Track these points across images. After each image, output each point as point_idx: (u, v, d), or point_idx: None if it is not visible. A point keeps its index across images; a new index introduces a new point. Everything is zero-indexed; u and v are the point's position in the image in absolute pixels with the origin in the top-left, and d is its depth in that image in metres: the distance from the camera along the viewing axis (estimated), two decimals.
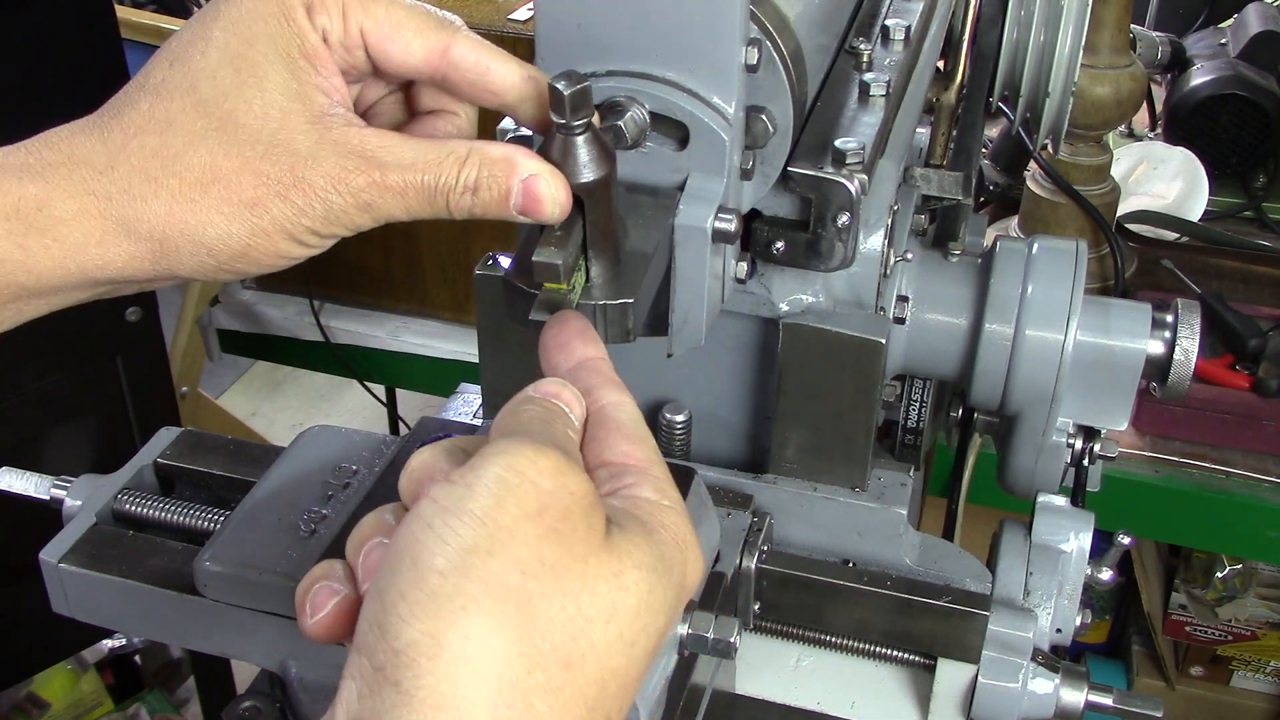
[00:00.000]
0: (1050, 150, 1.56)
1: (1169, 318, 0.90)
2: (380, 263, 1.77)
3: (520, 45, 1.55)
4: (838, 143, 0.69)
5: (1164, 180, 1.87)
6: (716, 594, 0.75)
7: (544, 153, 0.59)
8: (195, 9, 1.67)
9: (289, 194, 0.59)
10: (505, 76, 0.62)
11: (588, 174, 0.59)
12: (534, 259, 0.59)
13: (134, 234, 0.60)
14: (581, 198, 0.60)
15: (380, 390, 2.40)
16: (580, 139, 0.59)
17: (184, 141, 0.59)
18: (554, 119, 0.58)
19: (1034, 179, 1.67)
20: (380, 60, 0.62)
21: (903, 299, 0.88)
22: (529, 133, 0.70)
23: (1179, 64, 2.02)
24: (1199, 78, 1.91)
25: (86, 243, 0.59)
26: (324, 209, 0.59)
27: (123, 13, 2.21)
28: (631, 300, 0.61)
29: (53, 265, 0.59)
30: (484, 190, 0.60)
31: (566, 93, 0.57)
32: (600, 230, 0.61)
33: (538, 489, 0.47)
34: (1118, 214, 1.70)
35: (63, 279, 0.60)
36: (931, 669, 0.86)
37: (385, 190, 0.59)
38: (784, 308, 0.82)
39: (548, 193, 0.59)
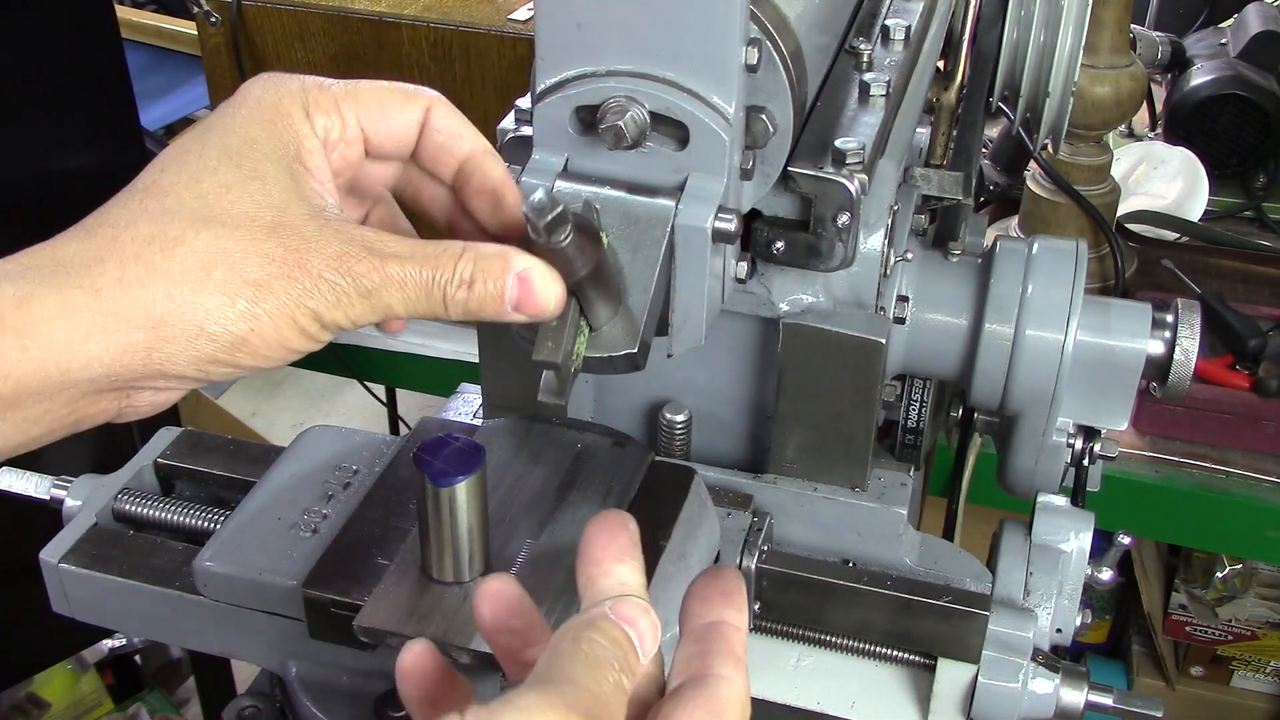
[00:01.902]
0: (1050, 150, 1.56)
1: (1169, 318, 0.90)
2: None
3: (520, 45, 1.55)
4: (838, 143, 0.69)
5: (1164, 180, 1.87)
6: None
7: (531, 248, 0.60)
8: (195, 9, 1.67)
9: (294, 274, 0.58)
10: (475, 143, 0.65)
11: (580, 271, 0.61)
12: (534, 357, 0.61)
13: (127, 323, 0.57)
14: (574, 290, 0.61)
15: (380, 390, 2.40)
16: (565, 245, 0.60)
17: (183, 227, 0.58)
18: (532, 237, 0.59)
19: (1034, 179, 1.67)
20: (374, 145, 0.65)
21: (903, 299, 0.88)
22: (529, 132, 0.70)
23: (1179, 64, 2.01)
24: (1199, 78, 1.91)
25: (70, 339, 0.56)
26: (329, 291, 0.59)
27: (123, 13, 2.22)
28: (634, 352, 0.63)
29: (31, 368, 0.56)
30: (479, 285, 0.60)
31: (541, 223, 0.58)
32: (599, 295, 0.63)
33: None
34: (1118, 214, 1.70)
35: (41, 383, 0.57)
36: (931, 669, 0.86)
37: (386, 279, 0.59)
38: (784, 308, 0.82)
39: (543, 287, 0.60)
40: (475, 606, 0.59)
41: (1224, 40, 2.03)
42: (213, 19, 1.66)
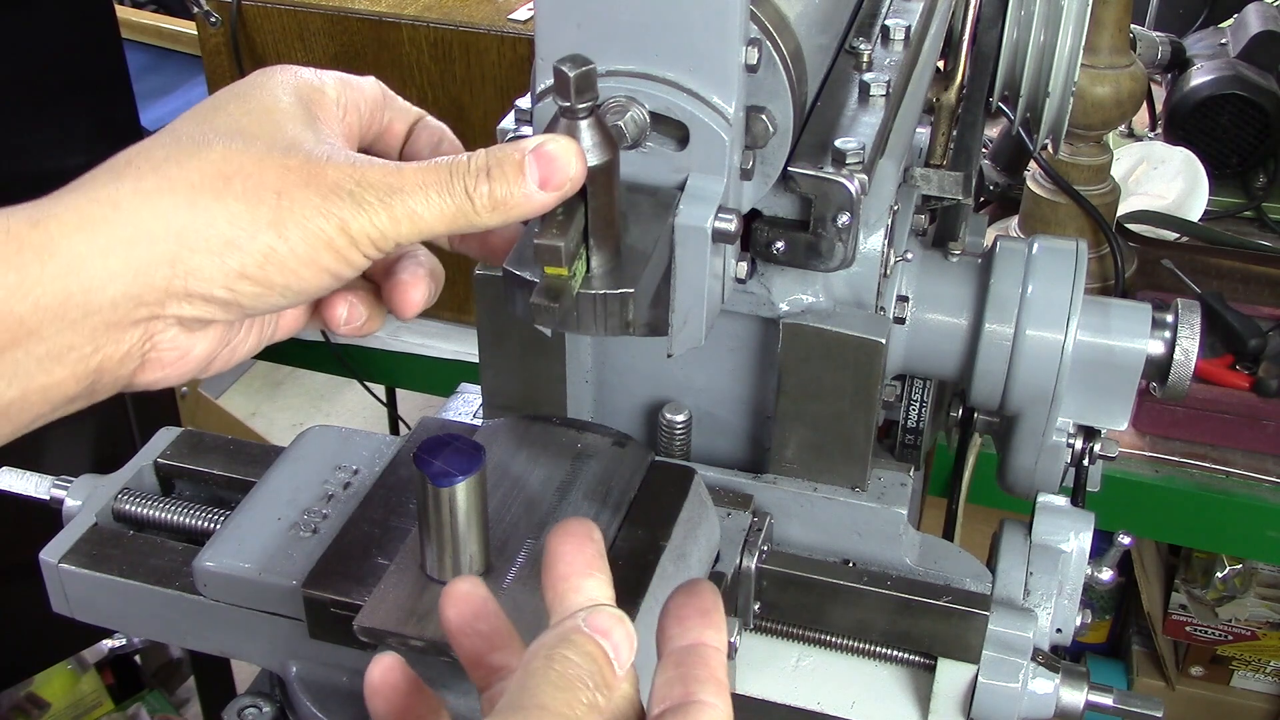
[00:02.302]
0: (1050, 150, 1.56)
1: (1169, 318, 0.90)
2: None
3: (520, 45, 1.55)
4: (838, 143, 0.69)
5: (1164, 180, 1.87)
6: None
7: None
8: (195, 9, 1.67)
9: (312, 182, 0.57)
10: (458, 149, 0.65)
11: (591, 158, 0.59)
12: (535, 241, 0.59)
13: (148, 235, 0.56)
14: (585, 183, 0.59)
15: (380, 390, 2.41)
16: (584, 123, 0.58)
17: (199, 144, 0.58)
18: (558, 102, 0.58)
19: (1034, 179, 1.67)
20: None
21: (903, 299, 0.88)
22: (529, 132, 0.70)
23: (1179, 64, 2.02)
24: (1199, 78, 1.91)
25: (89, 254, 0.55)
26: (349, 197, 0.58)
27: (123, 13, 2.21)
28: (631, 291, 0.61)
29: (50, 286, 0.54)
30: (496, 171, 0.59)
31: (571, 74, 0.56)
32: (602, 218, 0.61)
33: None
34: (1118, 214, 1.70)
35: (62, 304, 0.54)
36: (931, 669, 0.86)
37: (403, 179, 0.58)
38: (784, 308, 0.82)
39: (562, 153, 0.58)
40: (441, 608, 0.58)
41: (1224, 40, 2.03)
42: (213, 19, 1.66)
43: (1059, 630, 0.88)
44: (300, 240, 0.57)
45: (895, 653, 0.88)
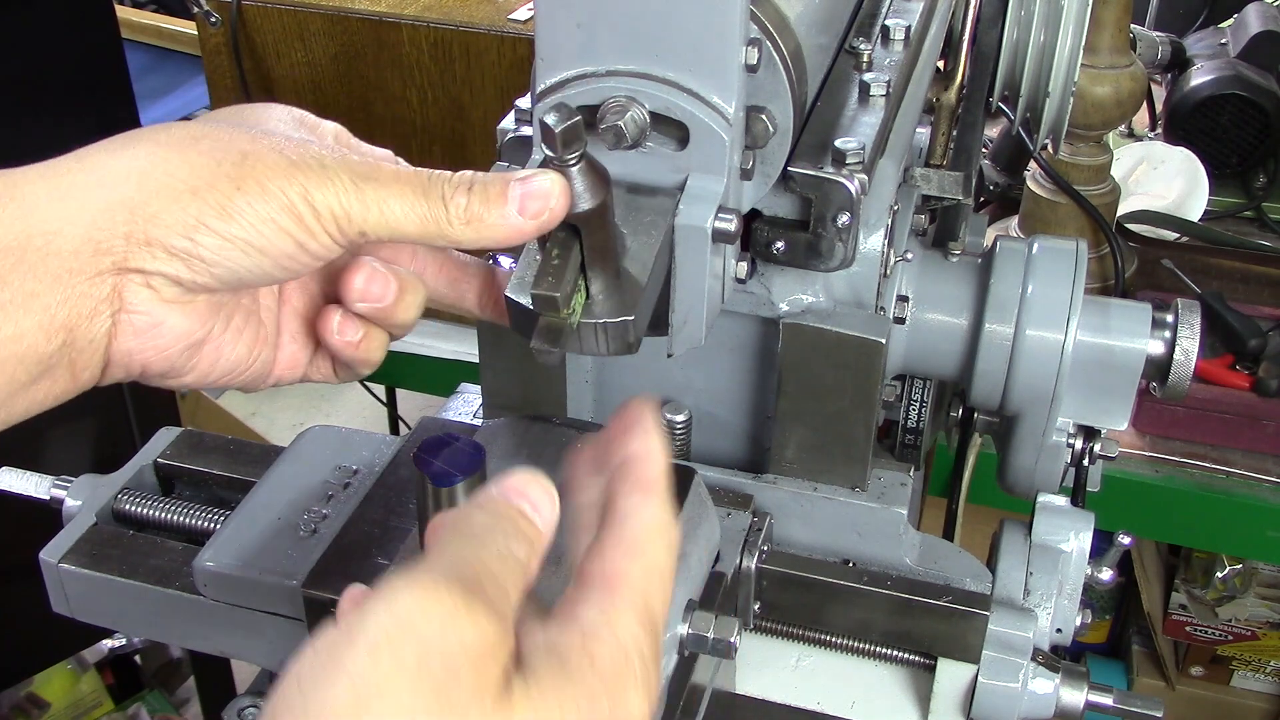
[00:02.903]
0: (1050, 150, 1.56)
1: (1169, 318, 0.90)
2: None
3: (520, 45, 1.55)
4: (838, 143, 0.69)
5: (1164, 180, 1.87)
6: (716, 594, 0.75)
7: None
8: (195, 9, 1.67)
9: (283, 149, 0.58)
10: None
11: (583, 204, 0.59)
12: (532, 291, 0.59)
13: (110, 181, 0.56)
14: (578, 226, 0.59)
15: (380, 390, 2.41)
16: (575, 169, 0.58)
17: (172, 123, 0.60)
18: (545, 153, 0.57)
19: (1034, 179, 1.67)
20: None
21: (903, 299, 0.88)
22: (529, 132, 0.70)
23: (1179, 64, 2.01)
24: (1199, 78, 1.91)
25: (50, 198, 0.56)
26: (319, 169, 0.58)
27: (123, 13, 2.22)
28: (632, 319, 0.61)
29: (11, 226, 0.55)
30: (478, 189, 0.59)
31: (557, 130, 0.56)
32: (598, 253, 0.61)
33: (420, 639, 0.43)
34: (1118, 214, 1.70)
35: (22, 245, 0.54)
36: (931, 669, 0.86)
37: (379, 170, 0.59)
38: (784, 308, 0.82)
39: (546, 183, 0.58)
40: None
41: (1224, 40, 2.03)
42: (213, 19, 1.66)
43: (1059, 630, 0.88)
44: (260, 197, 0.57)
45: (895, 653, 0.88)
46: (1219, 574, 2.09)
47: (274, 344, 0.68)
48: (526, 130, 0.74)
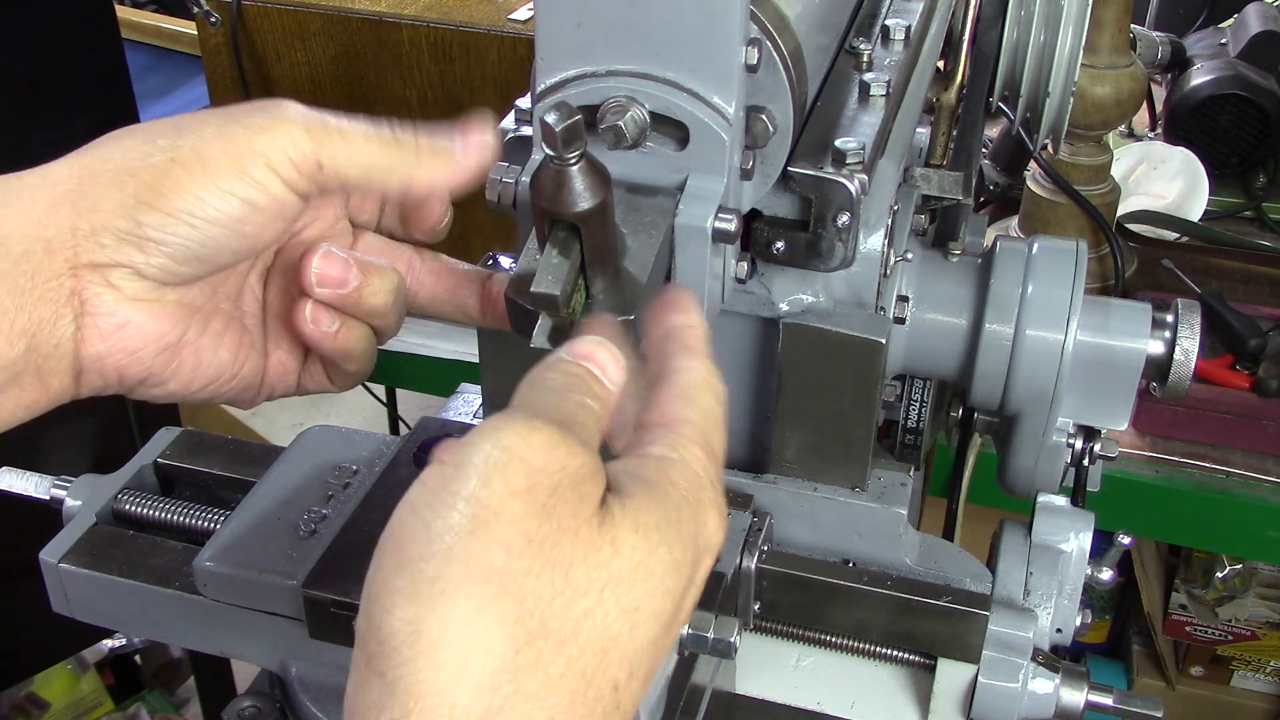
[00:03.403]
0: (1050, 150, 1.56)
1: (1169, 318, 0.90)
2: None
3: (520, 45, 1.55)
4: (838, 143, 0.69)
5: (1164, 180, 1.87)
6: (716, 594, 0.75)
7: (536, 180, 0.58)
8: (195, 9, 1.67)
9: (227, 113, 0.60)
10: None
11: (583, 203, 0.58)
12: (531, 290, 0.59)
13: (50, 183, 0.58)
14: (578, 225, 0.59)
15: (380, 390, 2.40)
16: (574, 169, 0.58)
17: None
18: (545, 151, 0.57)
19: (1034, 179, 1.67)
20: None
21: (903, 299, 0.88)
22: (529, 132, 0.70)
23: (1179, 64, 2.01)
24: (1199, 78, 1.91)
25: (4, 199, 0.57)
26: (275, 113, 0.60)
27: (123, 13, 2.22)
28: (633, 318, 0.61)
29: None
30: (424, 132, 0.63)
31: (558, 129, 0.55)
32: (598, 252, 0.61)
33: (526, 465, 0.46)
34: (1118, 214, 1.70)
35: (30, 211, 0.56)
36: (931, 669, 0.86)
37: (328, 118, 0.61)
38: (784, 308, 0.82)
39: (484, 132, 0.65)
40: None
41: (1224, 40, 2.03)
42: (213, 19, 1.66)
43: (1059, 630, 0.88)
44: (197, 164, 0.58)
45: (895, 653, 0.88)
46: (1219, 574, 2.10)
47: (261, 350, 0.68)
48: (526, 130, 0.74)
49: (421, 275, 0.71)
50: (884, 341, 0.81)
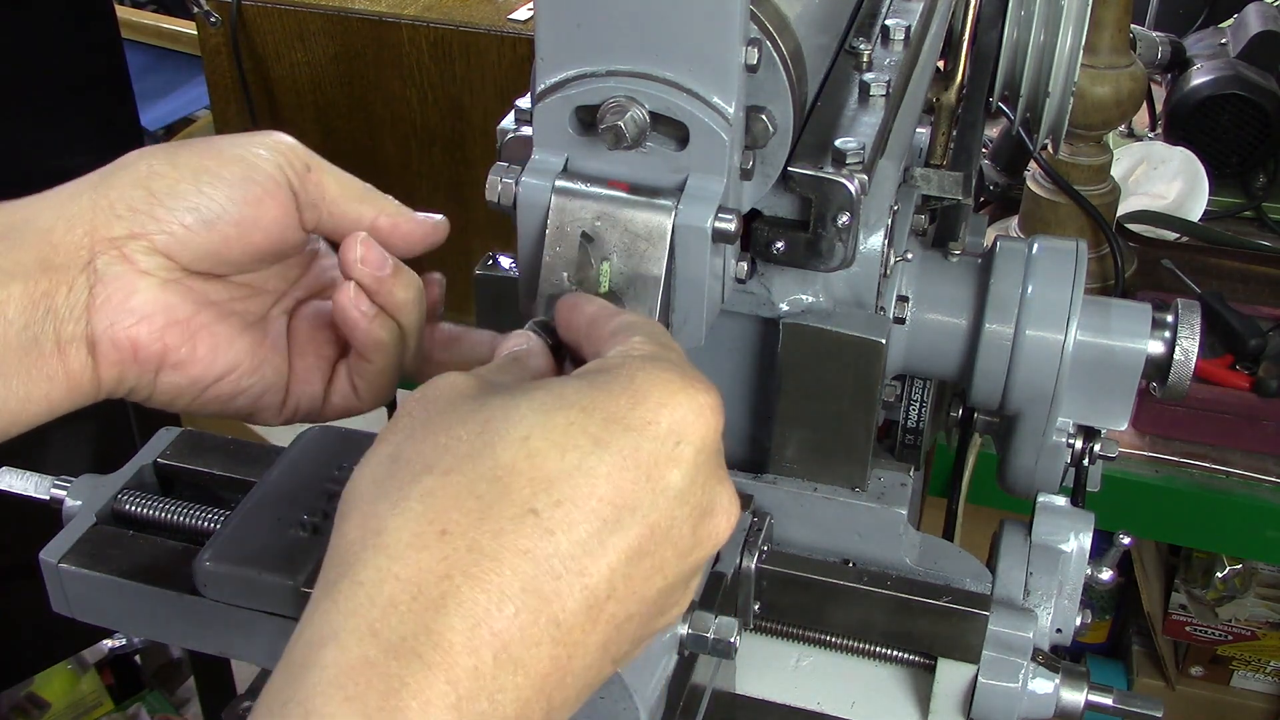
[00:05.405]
0: (1050, 150, 1.56)
1: (1169, 318, 0.90)
2: None
3: (520, 45, 1.55)
4: (838, 143, 0.69)
5: (1164, 180, 1.87)
6: (716, 594, 0.75)
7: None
8: (195, 9, 1.67)
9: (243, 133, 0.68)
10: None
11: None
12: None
13: (78, 183, 0.64)
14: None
15: None
16: None
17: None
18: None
19: (1034, 179, 1.67)
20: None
21: (903, 299, 0.88)
22: (529, 132, 0.70)
23: (1179, 64, 2.02)
24: (1199, 78, 1.91)
25: (24, 202, 0.63)
26: (274, 137, 0.67)
27: (123, 13, 2.22)
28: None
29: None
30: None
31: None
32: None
33: (423, 392, 0.54)
34: (1118, 214, 1.70)
35: (3, 230, 0.62)
36: (931, 669, 0.86)
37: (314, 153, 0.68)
38: (784, 308, 0.82)
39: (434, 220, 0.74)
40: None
41: (1224, 40, 2.03)
42: (213, 19, 1.66)
43: (1059, 630, 0.88)
44: (207, 146, 0.65)
45: (895, 653, 0.88)
46: (1219, 574, 2.10)
47: (284, 355, 0.70)
48: (526, 130, 0.74)
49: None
50: (884, 341, 0.81)
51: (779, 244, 0.74)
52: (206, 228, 0.65)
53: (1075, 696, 0.84)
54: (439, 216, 0.72)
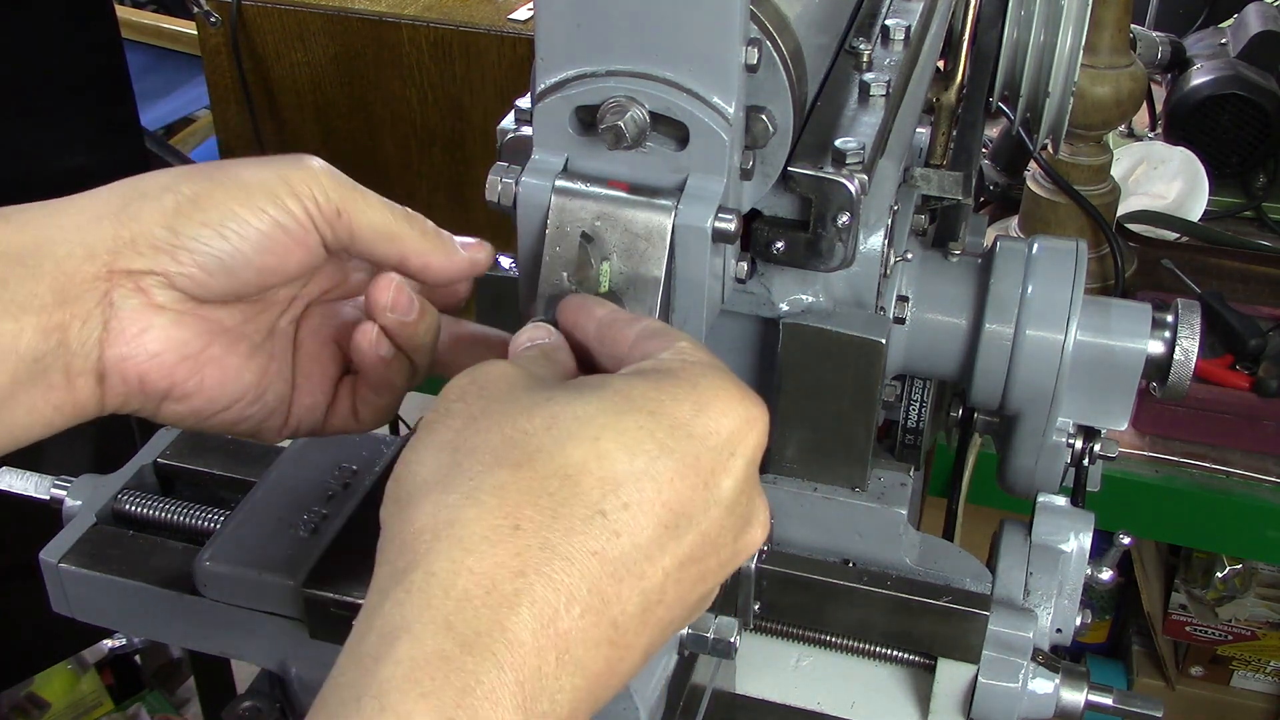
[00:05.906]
0: (1050, 150, 1.56)
1: (1169, 318, 0.90)
2: None
3: (520, 45, 1.55)
4: (838, 143, 0.69)
5: (1164, 180, 1.87)
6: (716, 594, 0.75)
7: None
8: (195, 9, 1.67)
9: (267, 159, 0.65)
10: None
11: None
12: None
13: (97, 200, 0.62)
14: None
15: None
16: None
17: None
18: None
19: (1034, 179, 1.67)
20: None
21: (903, 299, 0.88)
22: (529, 132, 0.70)
23: (1179, 64, 2.01)
24: (1199, 78, 1.91)
25: (41, 217, 0.60)
26: (302, 163, 0.64)
27: (123, 13, 2.21)
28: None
29: (9, 240, 0.59)
30: (435, 227, 0.68)
31: None
32: None
33: (472, 379, 0.54)
34: (1118, 214, 1.70)
35: (19, 254, 0.59)
36: (931, 669, 0.86)
37: (347, 179, 0.65)
38: (784, 308, 0.82)
39: (482, 250, 0.71)
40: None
41: (1224, 40, 2.03)
42: (213, 19, 1.66)
43: (1059, 630, 0.88)
44: (235, 183, 0.63)
45: (895, 653, 0.88)
46: (1219, 574, 2.09)
47: (288, 381, 0.69)
48: (526, 130, 0.74)
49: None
50: (884, 341, 0.81)
51: (779, 244, 0.74)
52: (227, 274, 0.63)
53: (1075, 696, 0.84)
54: (479, 252, 0.70)
